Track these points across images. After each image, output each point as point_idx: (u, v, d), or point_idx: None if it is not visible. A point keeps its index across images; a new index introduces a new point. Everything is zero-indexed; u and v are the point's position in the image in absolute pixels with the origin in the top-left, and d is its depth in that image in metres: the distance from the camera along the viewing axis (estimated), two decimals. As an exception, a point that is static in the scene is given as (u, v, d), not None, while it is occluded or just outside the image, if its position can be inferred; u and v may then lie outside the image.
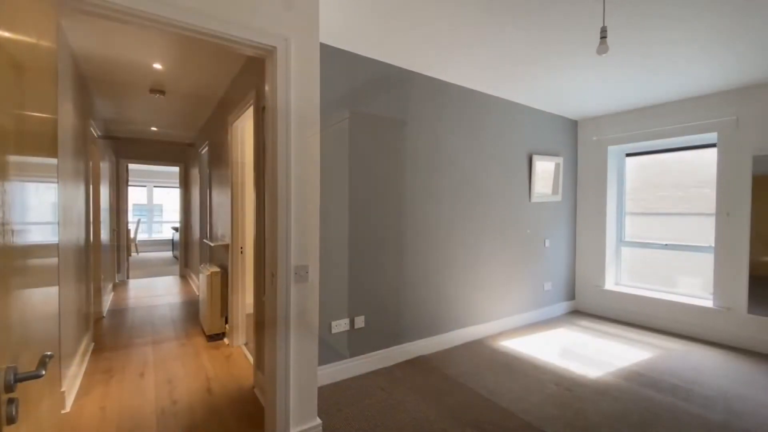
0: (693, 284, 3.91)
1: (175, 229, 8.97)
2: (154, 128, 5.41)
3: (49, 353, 0.79)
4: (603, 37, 1.90)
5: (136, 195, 12.00)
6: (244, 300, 3.35)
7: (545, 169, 4.24)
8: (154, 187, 12.16)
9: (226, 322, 3.48)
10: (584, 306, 4.62)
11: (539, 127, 4.18)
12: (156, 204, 12.51)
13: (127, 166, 6.65)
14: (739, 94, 3.43)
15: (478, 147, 3.58)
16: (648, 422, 2.22)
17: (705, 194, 3.80)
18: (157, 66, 3.04)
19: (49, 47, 1.05)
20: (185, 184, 6.99)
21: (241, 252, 3.24)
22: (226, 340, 3.47)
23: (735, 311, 3.47)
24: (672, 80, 3.23)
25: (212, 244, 3.77)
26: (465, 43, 2.57)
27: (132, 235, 9.94)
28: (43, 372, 0.72)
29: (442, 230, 3.33)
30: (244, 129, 3.22)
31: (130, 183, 7.95)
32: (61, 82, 2.31)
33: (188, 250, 6.78)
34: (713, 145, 3.70)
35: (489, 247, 3.71)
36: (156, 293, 5.49)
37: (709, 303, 3.68)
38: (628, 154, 4.42)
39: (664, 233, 4.12)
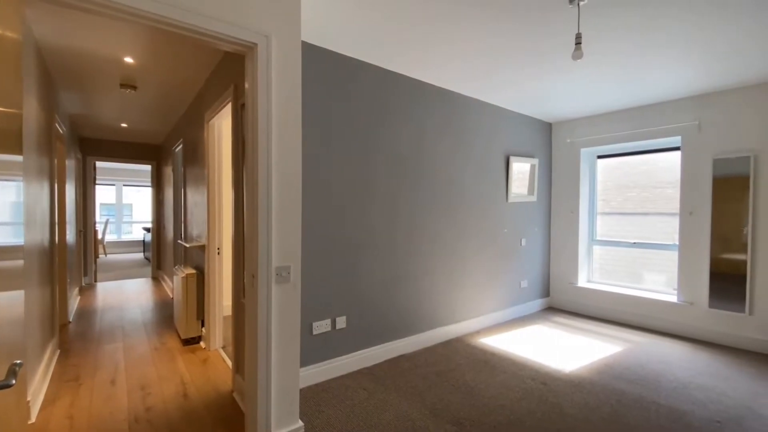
0: (659, 280, 4.11)
1: (147, 229, 8.64)
2: (124, 124, 5.19)
3: (18, 361, 0.75)
4: (578, 43, 1.97)
5: (104, 194, 11.48)
6: (221, 302, 3.27)
7: (521, 170, 4.35)
8: (124, 185, 11.67)
9: (203, 325, 3.39)
10: (559, 303, 4.77)
11: (516, 129, 4.28)
12: (126, 203, 12.00)
13: (94, 164, 6.35)
14: (700, 101, 3.62)
15: (457, 148, 3.63)
16: (619, 413, 2.32)
17: (669, 195, 4.01)
18: (129, 60, 2.92)
19: (13, 38, 0.99)
20: (157, 183, 6.75)
21: (219, 253, 3.16)
22: (202, 344, 3.37)
23: (697, 306, 3.67)
24: (640, 86, 3.38)
25: (187, 245, 3.66)
26: (445, 43, 2.60)
27: (100, 236, 9.52)
28: (14, 381, 0.68)
29: (423, 230, 3.36)
30: (221, 126, 3.14)
31: (97, 181, 7.62)
32: (26, 76, 2.18)
33: (161, 251, 6.55)
34: (677, 149, 3.90)
35: (468, 246, 3.77)
36: (126, 296, 5.28)
37: (673, 298, 3.87)
38: (599, 156, 4.60)
39: (632, 232, 4.31)
